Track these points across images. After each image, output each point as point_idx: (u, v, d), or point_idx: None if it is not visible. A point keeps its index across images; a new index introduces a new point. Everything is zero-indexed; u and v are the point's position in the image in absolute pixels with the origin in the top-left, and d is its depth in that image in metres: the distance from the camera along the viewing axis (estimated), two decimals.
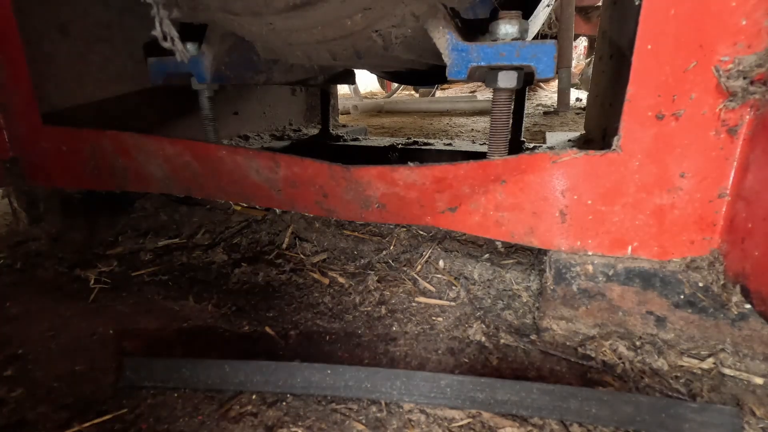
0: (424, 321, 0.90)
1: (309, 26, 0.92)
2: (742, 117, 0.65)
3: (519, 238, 0.83)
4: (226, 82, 1.22)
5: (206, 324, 0.89)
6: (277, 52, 1.21)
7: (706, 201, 0.70)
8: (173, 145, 1.05)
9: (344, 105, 4.62)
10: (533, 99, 5.22)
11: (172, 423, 0.64)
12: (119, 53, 1.36)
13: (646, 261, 0.76)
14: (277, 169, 0.98)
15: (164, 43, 0.70)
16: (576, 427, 0.63)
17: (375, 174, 0.89)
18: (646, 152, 0.71)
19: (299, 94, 2.36)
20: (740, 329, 0.73)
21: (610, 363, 0.76)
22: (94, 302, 0.97)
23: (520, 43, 0.80)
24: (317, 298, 0.98)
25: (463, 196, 0.85)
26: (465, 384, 0.67)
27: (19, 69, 1.12)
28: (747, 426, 0.63)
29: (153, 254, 1.18)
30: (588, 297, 0.80)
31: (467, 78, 0.88)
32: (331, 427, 0.64)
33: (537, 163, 0.77)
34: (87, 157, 1.15)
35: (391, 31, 0.95)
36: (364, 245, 1.17)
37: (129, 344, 0.82)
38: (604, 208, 0.75)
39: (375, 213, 0.95)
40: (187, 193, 1.12)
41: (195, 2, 0.86)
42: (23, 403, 0.68)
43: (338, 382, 0.68)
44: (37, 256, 1.15)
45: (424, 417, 0.65)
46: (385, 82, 6.49)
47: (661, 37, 0.65)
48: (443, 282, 1.03)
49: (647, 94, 0.68)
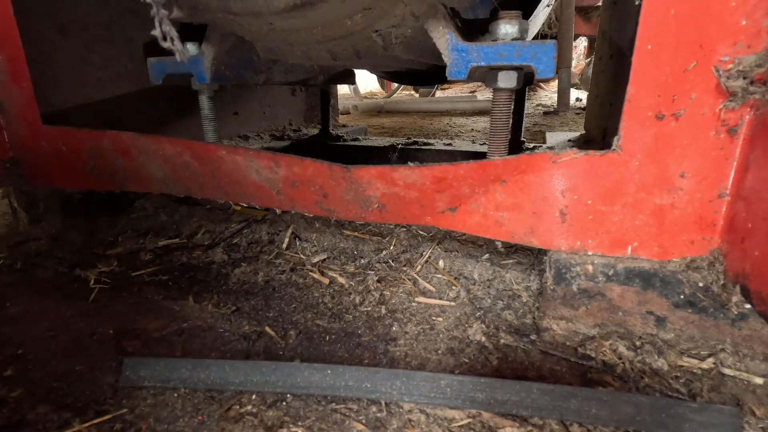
0: (424, 321, 0.90)
1: (309, 26, 0.92)
2: (742, 117, 0.65)
3: (519, 238, 0.83)
4: (226, 82, 1.22)
5: (206, 324, 0.89)
6: (277, 52, 1.21)
7: (706, 201, 0.70)
8: (173, 145, 1.05)
9: (344, 105, 4.62)
10: (533, 99, 5.22)
11: (172, 423, 0.64)
12: (119, 53, 1.36)
13: (646, 261, 0.76)
14: (277, 169, 0.98)
15: (164, 43, 0.70)
16: (576, 427, 0.63)
17: (375, 174, 0.89)
18: (646, 152, 0.71)
19: (299, 94, 2.36)
20: (740, 329, 0.73)
21: (610, 363, 0.76)
22: (94, 302, 0.97)
23: (520, 43, 0.80)
24: (317, 298, 0.98)
25: (463, 196, 0.85)
26: (465, 384, 0.67)
27: (19, 69, 1.12)
28: (747, 426, 0.63)
29: (153, 254, 1.18)
30: (588, 297, 0.80)
31: (467, 78, 0.88)
32: (331, 427, 0.64)
33: (537, 163, 0.77)
34: (87, 157, 1.15)
35: (391, 31, 0.95)
36: (364, 245, 1.17)
37: (129, 344, 0.82)
38: (604, 208, 0.75)
39: (375, 213, 0.95)
40: (186, 193, 1.12)
41: (195, 2, 0.86)
42: (23, 403, 0.68)
43: (338, 382, 0.68)
44: (37, 256, 1.15)
45: (424, 417, 0.65)
46: (385, 82, 6.49)
47: (661, 37, 0.65)
48: (443, 282, 1.03)
49: (647, 94, 0.68)
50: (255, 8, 0.84)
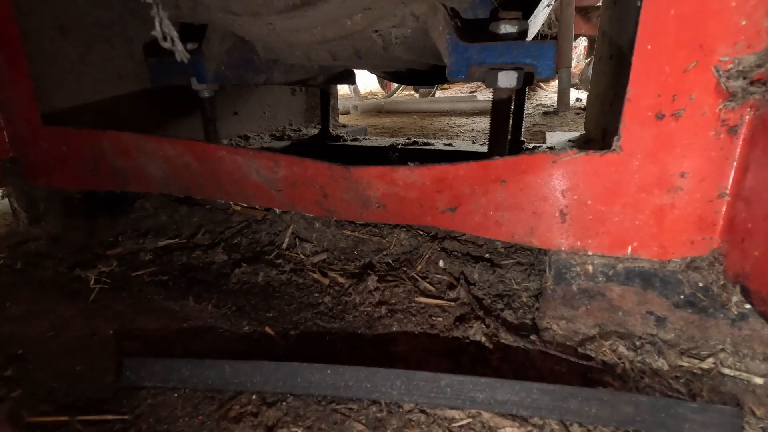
0: (424, 321, 0.90)
1: (309, 26, 0.92)
2: (742, 117, 0.65)
3: (519, 238, 0.83)
4: (226, 82, 1.23)
5: (206, 324, 0.89)
6: (277, 52, 1.21)
7: (706, 201, 0.70)
8: (173, 145, 1.05)
9: (344, 105, 4.61)
10: (533, 99, 5.22)
11: (172, 423, 0.64)
12: (119, 53, 1.36)
13: (646, 261, 0.76)
14: (277, 169, 0.98)
15: (164, 43, 0.70)
16: (576, 427, 0.64)
17: (375, 174, 0.89)
18: (646, 152, 0.71)
19: (299, 94, 2.36)
20: (740, 329, 0.73)
21: (610, 363, 0.76)
22: (94, 302, 0.97)
23: (519, 43, 0.80)
24: (317, 298, 0.98)
25: (463, 196, 0.85)
26: (465, 384, 0.67)
27: (19, 69, 1.12)
28: (747, 426, 0.63)
29: (153, 254, 1.18)
30: (588, 297, 0.80)
31: (467, 78, 0.88)
32: (331, 427, 0.64)
33: (537, 163, 0.77)
34: (87, 157, 1.15)
35: (391, 31, 0.95)
36: (364, 245, 1.17)
37: (129, 344, 0.82)
38: (604, 208, 0.75)
39: (375, 213, 0.95)
40: (187, 193, 1.12)
41: (195, 2, 0.86)
42: (23, 403, 0.68)
43: (338, 382, 0.68)
44: (37, 256, 1.15)
45: (424, 417, 0.65)
46: (385, 82, 6.49)
47: (661, 37, 0.65)
48: (443, 282, 1.03)
49: (647, 94, 0.68)
50: (255, 8, 0.84)
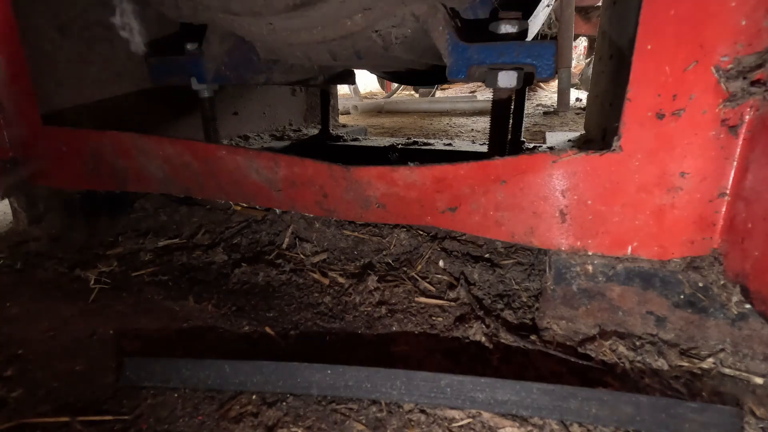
0: (424, 321, 0.90)
1: (309, 26, 0.92)
2: (742, 117, 0.65)
3: (519, 238, 0.83)
4: (226, 82, 1.22)
5: (206, 324, 0.89)
6: (277, 52, 1.21)
7: (706, 201, 0.70)
8: (173, 145, 1.05)
9: (344, 105, 4.62)
10: (533, 99, 5.22)
11: (172, 423, 0.64)
12: (119, 53, 1.36)
13: (646, 261, 0.76)
14: (277, 169, 0.98)
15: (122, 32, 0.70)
16: (576, 427, 0.64)
17: (375, 174, 0.89)
18: (646, 152, 0.71)
19: (299, 94, 2.36)
20: (740, 329, 0.73)
21: (610, 363, 0.76)
22: (94, 302, 0.97)
23: (519, 43, 0.80)
24: (317, 298, 0.98)
25: (463, 196, 0.85)
26: (465, 384, 0.67)
27: (19, 69, 1.12)
28: (747, 426, 0.63)
29: (153, 254, 1.18)
30: (588, 297, 0.80)
31: (467, 78, 0.88)
32: (331, 427, 0.64)
33: (537, 163, 0.77)
34: (87, 158, 1.15)
35: (391, 31, 0.95)
36: (364, 245, 1.17)
37: (129, 344, 0.82)
38: (604, 208, 0.75)
39: (375, 213, 0.95)
40: (187, 193, 1.12)
41: (195, 2, 0.86)
42: (23, 403, 0.68)
43: (338, 382, 0.68)
44: (37, 256, 1.15)
45: (424, 417, 0.65)
46: (385, 82, 6.49)
47: (661, 37, 0.65)
48: (443, 282, 1.03)
49: (647, 94, 0.68)
50: (255, 8, 0.84)
